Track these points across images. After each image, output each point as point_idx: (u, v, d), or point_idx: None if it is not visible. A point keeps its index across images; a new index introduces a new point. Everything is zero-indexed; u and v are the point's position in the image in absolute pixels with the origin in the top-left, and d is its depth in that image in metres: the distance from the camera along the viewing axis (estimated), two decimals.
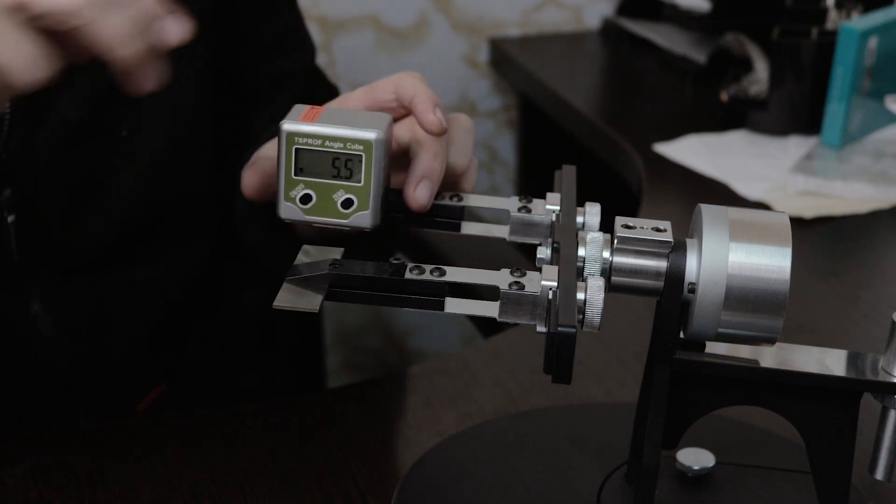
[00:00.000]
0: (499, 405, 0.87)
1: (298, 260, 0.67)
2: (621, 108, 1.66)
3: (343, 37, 1.78)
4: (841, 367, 0.68)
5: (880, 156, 1.33)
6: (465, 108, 1.90)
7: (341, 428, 0.85)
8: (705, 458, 0.75)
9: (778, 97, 1.40)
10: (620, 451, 0.76)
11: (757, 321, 0.64)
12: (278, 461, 0.81)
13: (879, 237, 1.21)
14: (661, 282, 0.65)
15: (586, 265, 0.65)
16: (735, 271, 0.64)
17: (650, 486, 0.67)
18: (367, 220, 0.67)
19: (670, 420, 0.67)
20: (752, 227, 0.65)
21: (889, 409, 0.68)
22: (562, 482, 0.76)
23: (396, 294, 0.66)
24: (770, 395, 0.68)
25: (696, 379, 0.68)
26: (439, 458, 0.79)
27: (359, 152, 0.66)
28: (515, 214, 0.71)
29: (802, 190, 1.26)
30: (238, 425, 0.86)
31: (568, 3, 1.89)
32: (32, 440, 0.83)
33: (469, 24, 1.85)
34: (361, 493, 0.78)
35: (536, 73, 1.71)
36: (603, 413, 0.85)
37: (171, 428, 0.85)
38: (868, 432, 0.70)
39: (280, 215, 0.67)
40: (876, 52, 1.35)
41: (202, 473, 0.80)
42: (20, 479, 0.79)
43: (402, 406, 0.88)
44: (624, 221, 0.66)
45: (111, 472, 0.80)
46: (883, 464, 0.69)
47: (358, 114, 0.69)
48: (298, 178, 0.66)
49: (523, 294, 0.64)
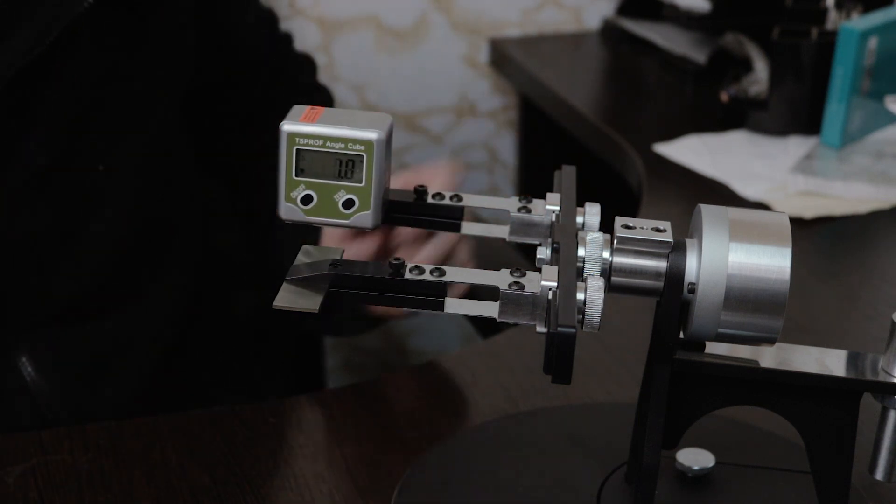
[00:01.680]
0: (499, 405, 0.87)
1: (298, 260, 0.67)
2: (621, 108, 1.66)
3: (343, 37, 1.78)
4: (841, 367, 0.68)
5: (880, 156, 1.33)
6: (465, 108, 1.90)
7: (341, 428, 0.85)
8: (705, 458, 0.75)
9: (778, 97, 1.40)
10: (620, 451, 0.76)
11: (757, 321, 0.64)
12: (278, 461, 0.81)
13: (879, 237, 1.21)
14: (661, 282, 0.65)
15: (586, 265, 0.65)
16: (735, 271, 0.64)
17: (650, 486, 0.67)
18: (368, 221, 0.67)
19: (670, 420, 0.67)
20: (752, 227, 0.65)
21: (889, 409, 0.68)
22: (562, 482, 0.76)
23: (396, 294, 0.66)
24: (770, 395, 0.68)
25: (695, 379, 0.68)
26: (439, 458, 0.79)
27: (360, 152, 0.66)
28: (515, 214, 0.71)
29: (802, 190, 1.26)
30: (238, 425, 0.86)
31: (568, 3, 1.89)
32: (32, 440, 0.83)
33: (469, 24, 1.85)
34: (361, 493, 0.78)
35: (536, 73, 1.71)
36: (603, 413, 0.85)
37: (170, 428, 0.85)
38: (868, 432, 0.70)
39: (280, 216, 0.67)
40: (876, 52, 1.35)
41: (202, 473, 0.80)
42: (20, 479, 0.79)
43: (402, 406, 0.88)
44: (624, 221, 0.66)
45: (111, 472, 0.80)
46: (883, 464, 0.69)
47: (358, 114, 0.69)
48: (299, 178, 0.66)
49: (523, 294, 0.64)
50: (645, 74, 1.74)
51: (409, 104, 1.86)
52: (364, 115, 0.69)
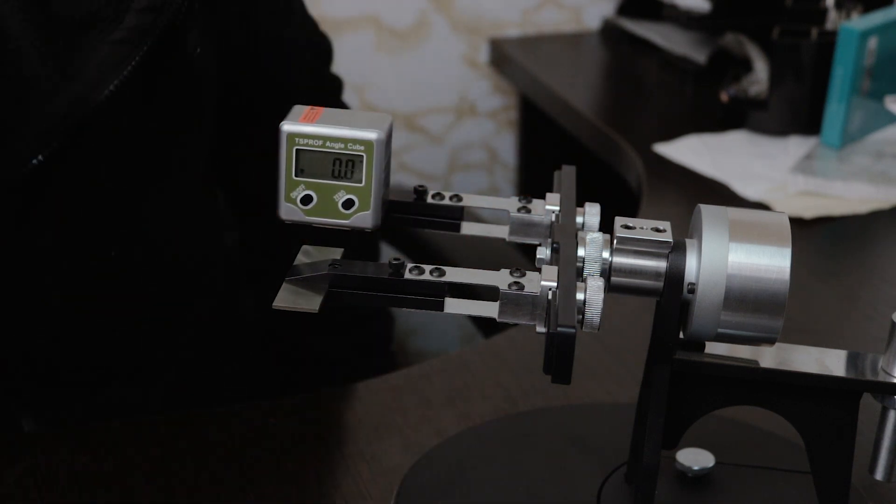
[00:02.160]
0: (499, 405, 0.87)
1: (298, 260, 0.67)
2: (621, 108, 1.66)
3: (343, 37, 1.78)
4: (841, 367, 0.68)
5: (880, 156, 1.33)
6: (465, 108, 1.90)
7: (341, 428, 0.85)
8: (705, 458, 0.75)
9: (778, 97, 1.40)
10: (620, 451, 0.76)
11: (757, 321, 0.64)
12: (278, 461, 0.81)
13: (879, 237, 1.21)
14: (661, 282, 0.65)
15: (586, 265, 0.65)
16: (735, 271, 0.64)
17: (650, 486, 0.67)
18: (368, 221, 0.67)
19: (670, 420, 0.67)
20: (752, 227, 0.65)
21: (889, 409, 0.68)
22: (562, 482, 0.76)
23: (396, 294, 0.66)
24: (770, 395, 0.68)
25: (695, 379, 0.68)
26: (439, 458, 0.79)
27: (360, 153, 0.66)
28: (515, 214, 0.71)
29: (802, 190, 1.26)
30: (238, 425, 0.86)
31: (568, 3, 1.89)
32: (32, 440, 0.83)
33: (469, 25, 1.85)
34: (361, 493, 0.78)
35: (536, 73, 1.71)
36: (603, 413, 0.85)
37: (170, 428, 0.85)
38: (868, 432, 0.70)
39: (280, 216, 0.67)
40: (876, 52, 1.35)
41: (202, 473, 0.80)
42: (20, 479, 0.79)
43: (402, 406, 0.88)
44: (623, 222, 0.66)
45: (111, 472, 0.80)
46: (883, 464, 0.69)
47: (358, 114, 0.69)
48: (299, 178, 0.66)
49: (523, 294, 0.64)
50: (645, 74, 1.74)
51: (409, 104, 1.86)
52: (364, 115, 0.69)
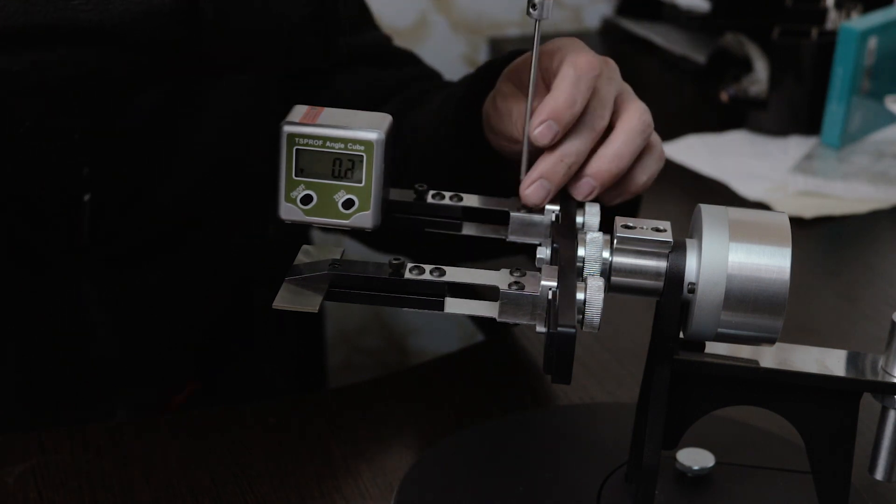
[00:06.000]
0: (499, 405, 0.87)
1: (298, 260, 0.67)
2: None
3: None
4: (841, 367, 0.68)
5: (880, 156, 1.33)
6: None
7: (341, 428, 0.85)
8: (705, 458, 0.75)
9: (778, 97, 1.40)
10: (620, 451, 0.76)
11: (757, 321, 0.64)
12: (278, 461, 0.81)
13: (879, 237, 1.21)
14: (661, 282, 0.65)
15: (586, 265, 0.65)
16: (735, 271, 0.64)
17: (650, 486, 0.67)
18: (368, 221, 0.67)
19: (670, 420, 0.67)
20: (752, 227, 0.65)
21: (889, 409, 0.68)
22: (562, 482, 0.76)
23: (396, 294, 0.66)
24: (770, 395, 0.68)
25: (696, 379, 0.68)
26: (439, 458, 0.79)
27: (360, 153, 0.66)
28: (515, 214, 0.71)
29: (802, 190, 1.26)
30: (238, 425, 0.86)
31: (568, 3, 1.89)
32: (32, 440, 0.83)
33: (469, 24, 1.85)
34: (361, 493, 0.78)
35: None
36: (603, 413, 0.85)
37: (170, 428, 0.85)
38: (868, 432, 0.70)
39: (280, 216, 0.67)
40: (876, 52, 1.35)
41: (202, 473, 0.80)
42: (20, 479, 0.79)
43: (402, 406, 0.88)
44: (623, 221, 0.66)
45: (111, 472, 0.80)
46: (883, 464, 0.69)
47: (358, 114, 0.69)
48: (299, 178, 0.67)
49: (523, 294, 0.64)
50: (645, 74, 1.73)
51: None
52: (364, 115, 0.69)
